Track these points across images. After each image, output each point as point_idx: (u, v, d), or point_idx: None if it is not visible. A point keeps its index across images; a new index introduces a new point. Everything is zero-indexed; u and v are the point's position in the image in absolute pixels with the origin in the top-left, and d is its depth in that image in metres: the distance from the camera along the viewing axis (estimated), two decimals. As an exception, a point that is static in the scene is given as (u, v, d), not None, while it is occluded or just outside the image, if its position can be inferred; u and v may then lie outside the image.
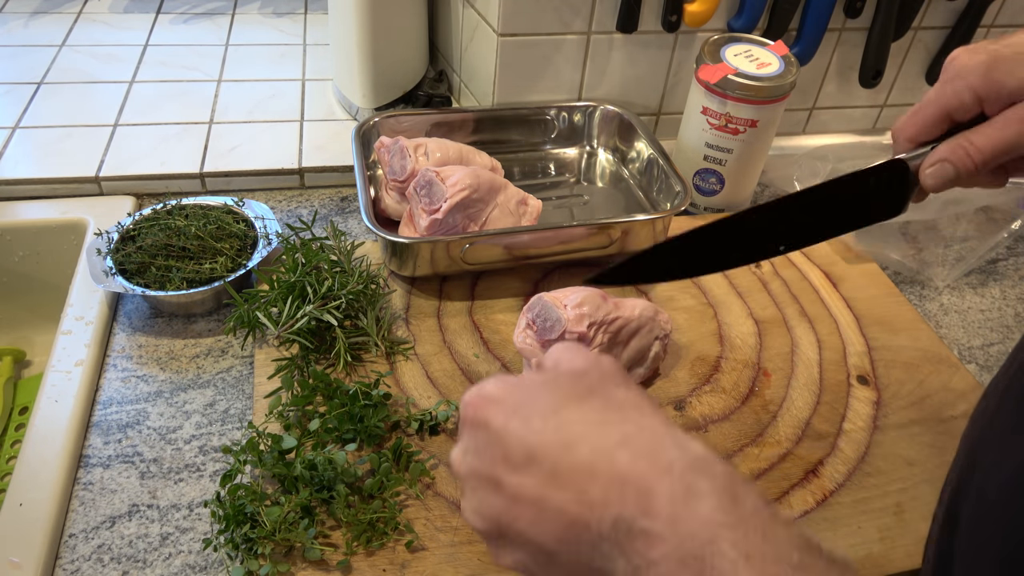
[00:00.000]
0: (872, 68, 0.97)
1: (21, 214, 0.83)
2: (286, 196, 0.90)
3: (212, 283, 0.70)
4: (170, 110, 0.99)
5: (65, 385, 0.65)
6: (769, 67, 0.80)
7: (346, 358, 0.66)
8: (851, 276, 0.82)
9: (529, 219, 0.77)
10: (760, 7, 0.88)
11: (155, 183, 0.87)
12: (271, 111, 1.00)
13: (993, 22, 1.00)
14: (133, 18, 1.21)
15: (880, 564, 0.57)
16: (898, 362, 0.73)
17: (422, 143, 0.78)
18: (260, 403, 0.63)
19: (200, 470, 0.61)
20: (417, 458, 0.59)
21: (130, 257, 0.71)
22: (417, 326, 0.72)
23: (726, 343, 0.73)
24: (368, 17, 0.90)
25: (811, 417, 0.67)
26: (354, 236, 0.82)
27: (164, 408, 0.65)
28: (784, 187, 0.96)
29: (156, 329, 0.72)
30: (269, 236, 0.75)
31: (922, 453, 0.65)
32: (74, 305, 0.72)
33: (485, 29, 0.88)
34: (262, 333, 0.69)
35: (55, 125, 0.94)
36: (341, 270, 0.70)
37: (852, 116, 1.07)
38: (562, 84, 0.92)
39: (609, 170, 0.93)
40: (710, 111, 0.82)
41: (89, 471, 0.60)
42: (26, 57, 1.08)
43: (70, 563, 0.54)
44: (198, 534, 0.56)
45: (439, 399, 0.65)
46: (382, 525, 0.54)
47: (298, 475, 0.55)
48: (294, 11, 1.26)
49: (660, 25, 0.88)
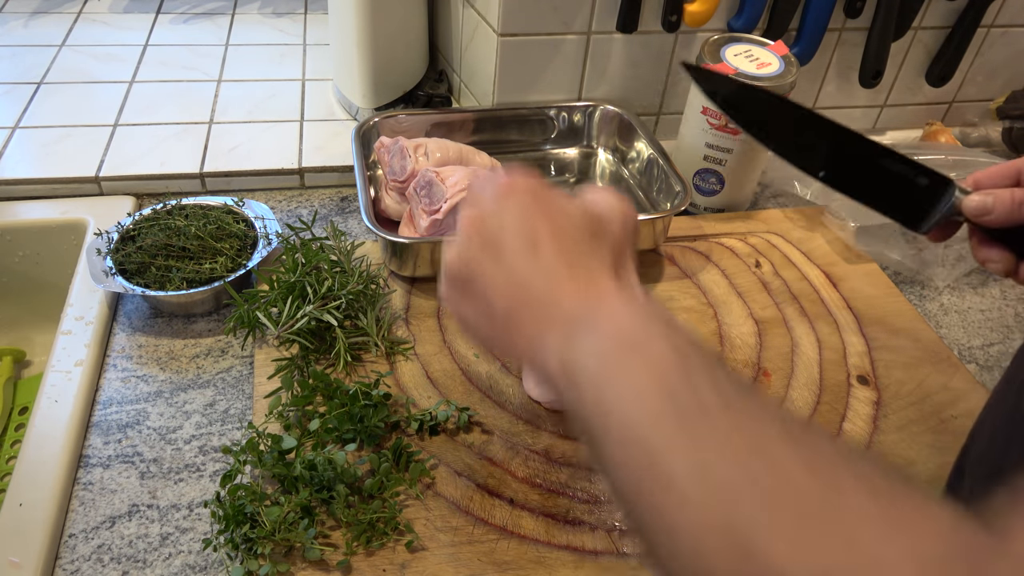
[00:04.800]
0: (872, 68, 0.97)
1: (21, 214, 0.83)
2: (286, 196, 0.90)
3: (212, 283, 0.70)
4: (170, 110, 0.99)
5: (65, 385, 0.65)
6: (769, 67, 0.80)
7: (346, 358, 0.66)
8: (851, 276, 0.82)
9: (529, 219, 0.76)
10: (760, 7, 0.88)
11: (155, 183, 0.87)
12: (271, 111, 1.00)
13: (993, 22, 1.00)
14: (133, 18, 1.21)
15: (880, 564, 0.57)
16: (898, 362, 0.73)
17: (422, 143, 0.78)
18: (260, 403, 0.63)
19: (200, 470, 0.61)
20: (417, 458, 0.59)
21: (130, 257, 0.71)
22: (417, 326, 0.72)
23: (726, 343, 0.73)
24: (368, 17, 0.90)
25: (811, 417, 0.67)
26: (354, 236, 0.82)
27: (164, 408, 0.65)
28: (784, 187, 0.96)
29: (156, 329, 0.72)
30: (269, 236, 0.75)
31: (922, 453, 0.65)
32: (74, 305, 0.72)
33: (485, 29, 0.88)
34: (262, 333, 0.69)
35: (55, 125, 0.94)
36: (341, 270, 0.70)
37: (852, 116, 1.07)
38: (562, 84, 0.92)
39: (609, 170, 0.93)
40: (710, 111, 0.82)
41: (89, 471, 0.60)
42: (26, 57, 1.08)
43: (70, 563, 0.54)
44: (198, 534, 0.56)
45: (439, 399, 0.65)
46: (382, 525, 0.54)
47: (298, 475, 0.55)
48: (294, 11, 1.26)
49: (660, 25, 0.88)
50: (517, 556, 0.54)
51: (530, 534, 0.56)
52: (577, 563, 0.54)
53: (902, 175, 0.54)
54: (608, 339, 0.37)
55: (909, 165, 0.54)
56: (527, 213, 0.44)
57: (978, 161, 0.94)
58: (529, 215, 0.44)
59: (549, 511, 0.57)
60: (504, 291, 0.43)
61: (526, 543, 0.55)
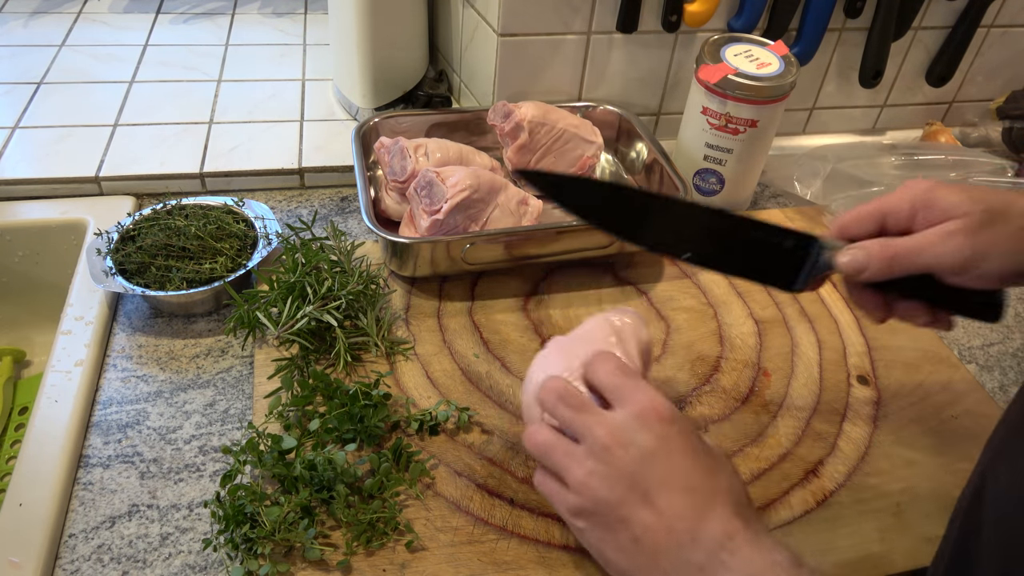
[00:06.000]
0: (872, 68, 0.97)
1: (21, 214, 0.83)
2: (286, 196, 0.90)
3: (212, 283, 0.70)
4: (170, 110, 0.99)
5: (65, 385, 0.65)
6: (769, 67, 0.80)
7: (346, 358, 0.66)
8: (851, 276, 0.82)
9: (530, 219, 0.77)
10: (760, 7, 0.88)
11: (155, 183, 0.87)
12: (271, 111, 1.00)
13: (993, 22, 1.00)
14: (133, 18, 1.21)
15: (880, 564, 0.57)
16: (898, 362, 0.73)
17: (422, 143, 0.78)
18: (260, 403, 0.63)
19: (200, 470, 0.61)
20: (417, 458, 0.59)
21: (130, 257, 0.71)
22: (417, 326, 0.72)
23: (726, 343, 0.73)
24: (368, 17, 0.90)
25: (811, 417, 0.67)
26: (354, 236, 0.82)
27: (164, 408, 0.65)
28: (784, 187, 0.96)
29: (156, 329, 0.72)
30: (269, 236, 0.75)
31: (922, 453, 0.65)
32: (74, 305, 0.72)
33: (485, 29, 0.88)
34: (262, 333, 0.69)
35: (55, 125, 0.94)
36: (341, 270, 0.70)
37: (852, 116, 1.07)
38: (562, 84, 0.92)
39: (609, 170, 0.93)
40: (710, 111, 0.82)
41: (89, 471, 0.60)
42: (26, 57, 1.08)
43: (70, 563, 0.54)
44: (198, 534, 0.56)
45: (439, 399, 0.65)
46: (382, 525, 0.54)
47: (298, 475, 0.55)
48: (294, 11, 1.26)
49: (660, 25, 0.88)
50: (517, 556, 0.54)
51: (530, 534, 0.56)
52: (577, 563, 0.54)
53: (766, 242, 0.54)
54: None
55: (771, 231, 0.54)
56: (671, 448, 0.48)
57: (978, 161, 0.94)
58: (674, 452, 0.48)
59: (549, 511, 0.57)
60: (650, 533, 0.46)
61: (526, 543, 0.55)
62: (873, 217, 0.52)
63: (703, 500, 0.46)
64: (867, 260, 0.51)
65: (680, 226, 0.55)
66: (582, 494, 0.48)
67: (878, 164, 0.95)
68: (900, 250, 0.50)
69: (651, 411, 0.49)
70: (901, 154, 0.96)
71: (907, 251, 0.50)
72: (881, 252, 0.51)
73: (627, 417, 0.49)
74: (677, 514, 0.46)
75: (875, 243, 0.51)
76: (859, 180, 0.93)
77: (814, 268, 0.54)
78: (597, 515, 0.48)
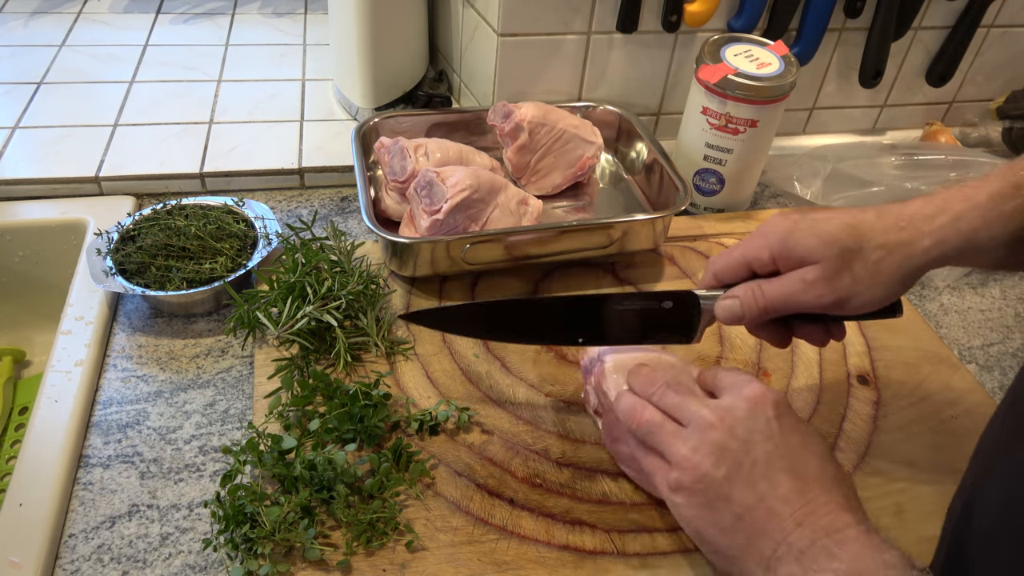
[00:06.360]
0: (872, 68, 0.97)
1: (21, 214, 0.83)
2: (286, 196, 0.90)
3: (212, 283, 0.70)
4: (170, 110, 0.99)
5: (65, 385, 0.65)
6: (769, 67, 0.80)
7: (346, 358, 0.66)
8: (851, 276, 0.82)
9: (530, 219, 0.77)
10: (760, 7, 0.88)
11: (155, 183, 0.87)
12: (271, 111, 1.00)
13: (993, 22, 1.00)
14: (133, 18, 1.21)
15: (880, 564, 0.57)
16: (898, 362, 0.73)
17: (422, 143, 0.78)
18: (260, 403, 0.63)
19: (200, 470, 0.61)
20: (417, 458, 0.59)
21: (130, 257, 0.71)
22: (417, 326, 0.72)
23: (726, 343, 0.73)
24: (368, 17, 0.90)
25: (811, 417, 0.67)
26: (354, 236, 0.82)
27: (164, 408, 0.65)
28: (784, 187, 0.96)
29: (156, 329, 0.72)
30: (269, 236, 0.75)
31: (922, 453, 0.65)
32: (74, 305, 0.72)
33: (485, 29, 0.88)
34: (262, 333, 0.69)
35: (55, 125, 0.94)
36: (341, 270, 0.70)
37: (852, 116, 1.07)
38: (562, 84, 0.92)
39: (609, 170, 0.93)
40: (710, 111, 0.82)
41: (89, 471, 0.60)
42: (26, 57, 1.08)
43: (70, 563, 0.54)
44: (198, 534, 0.56)
45: (439, 399, 0.65)
46: (382, 525, 0.54)
47: (298, 475, 0.55)
48: (294, 11, 1.26)
49: (660, 25, 0.88)
50: (517, 556, 0.54)
51: (530, 534, 0.56)
52: (577, 563, 0.54)
53: (648, 308, 0.58)
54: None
55: (648, 297, 0.59)
56: (780, 433, 0.48)
57: (978, 161, 0.94)
58: (784, 437, 0.48)
59: (549, 511, 0.57)
60: (751, 513, 0.46)
61: (526, 543, 0.55)
62: (740, 264, 0.55)
63: (810, 487, 0.46)
64: (742, 311, 0.54)
65: (566, 318, 0.59)
66: (685, 469, 0.48)
67: (878, 164, 0.95)
68: (770, 302, 0.53)
69: (762, 397, 0.49)
70: (901, 154, 0.96)
71: (775, 301, 0.53)
72: (754, 303, 0.54)
73: (738, 401, 0.50)
74: (782, 497, 0.46)
75: (747, 293, 0.54)
76: (859, 180, 0.93)
77: (704, 319, 0.58)
78: (698, 491, 0.48)
